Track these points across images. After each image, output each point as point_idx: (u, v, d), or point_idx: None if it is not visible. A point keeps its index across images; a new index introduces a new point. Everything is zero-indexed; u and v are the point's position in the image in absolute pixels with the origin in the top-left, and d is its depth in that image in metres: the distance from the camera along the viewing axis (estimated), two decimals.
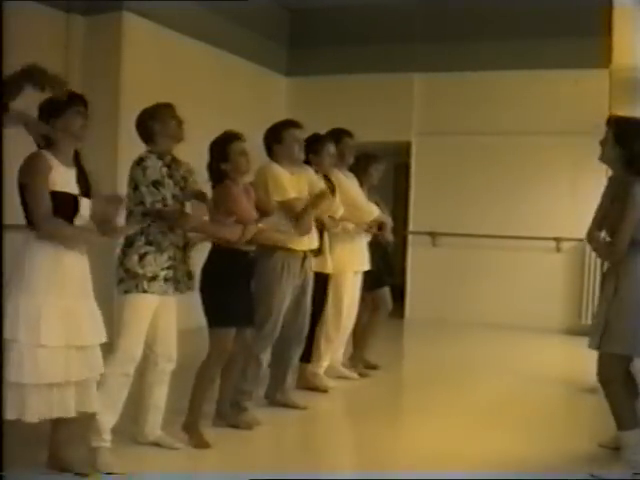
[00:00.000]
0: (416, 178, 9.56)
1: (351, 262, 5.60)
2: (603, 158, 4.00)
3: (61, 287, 3.35)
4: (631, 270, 3.82)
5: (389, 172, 10.70)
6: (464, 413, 5.09)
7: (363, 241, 5.76)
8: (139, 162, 3.85)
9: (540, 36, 8.65)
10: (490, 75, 8.94)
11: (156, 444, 3.96)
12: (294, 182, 4.71)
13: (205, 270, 4.18)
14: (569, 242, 8.77)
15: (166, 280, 3.84)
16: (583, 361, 6.24)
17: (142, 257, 3.78)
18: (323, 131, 5.52)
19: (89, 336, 3.44)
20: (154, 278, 3.80)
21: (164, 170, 3.89)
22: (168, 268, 3.85)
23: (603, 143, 3.97)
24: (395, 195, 11.04)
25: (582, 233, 4.18)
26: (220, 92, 8.16)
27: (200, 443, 4.06)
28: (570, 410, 5.41)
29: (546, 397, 5.66)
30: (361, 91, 9.32)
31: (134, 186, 3.82)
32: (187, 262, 3.97)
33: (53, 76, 3.26)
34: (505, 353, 7.54)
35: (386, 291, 6.17)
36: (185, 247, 3.95)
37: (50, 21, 6.82)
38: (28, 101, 3.33)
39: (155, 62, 7.26)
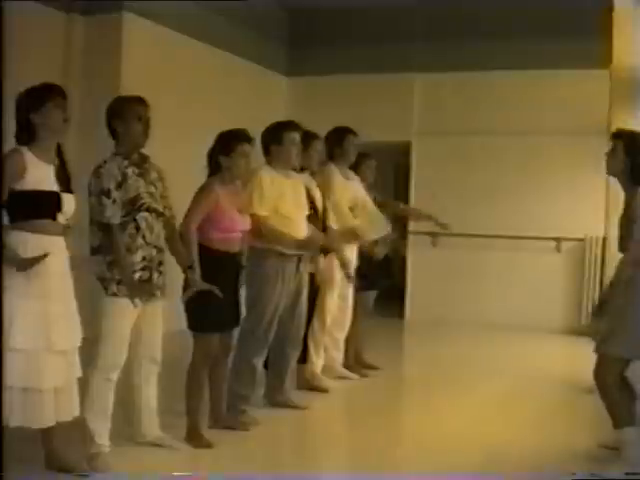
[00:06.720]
0: (416, 178, 9.56)
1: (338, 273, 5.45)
2: (611, 170, 4.01)
3: (38, 289, 3.29)
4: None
5: (389, 172, 10.78)
6: (464, 413, 5.09)
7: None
8: (96, 169, 3.63)
9: (540, 36, 8.65)
10: (490, 75, 8.94)
11: (156, 444, 3.94)
12: (289, 186, 4.59)
13: None
14: (569, 242, 8.77)
15: (141, 281, 3.65)
16: (583, 361, 6.24)
17: (110, 264, 3.60)
18: (323, 131, 5.51)
19: (65, 339, 3.38)
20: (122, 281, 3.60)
21: (130, 170, 3.66)
22: (143, 269, 3.67)
23: (610, 155, 3.98)
24: (395, 195, 11.01)
25: (582, 233, 4.21)
26: (220, 92, 8.16)
27: (202, 443, 4.05)
28: (570, 410, 5.41)
29: (546, 397, 5.65)
30: (361, 91, 9.31)
31: (89, 194, 3.64)
32: (164, 264, 3.77)
33: None
34: (505, 353, 7.53)
35: (370, 294, 6.10)
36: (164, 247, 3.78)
37: (50, 21, 6.82)
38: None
39: (155, 62, 7.26)
